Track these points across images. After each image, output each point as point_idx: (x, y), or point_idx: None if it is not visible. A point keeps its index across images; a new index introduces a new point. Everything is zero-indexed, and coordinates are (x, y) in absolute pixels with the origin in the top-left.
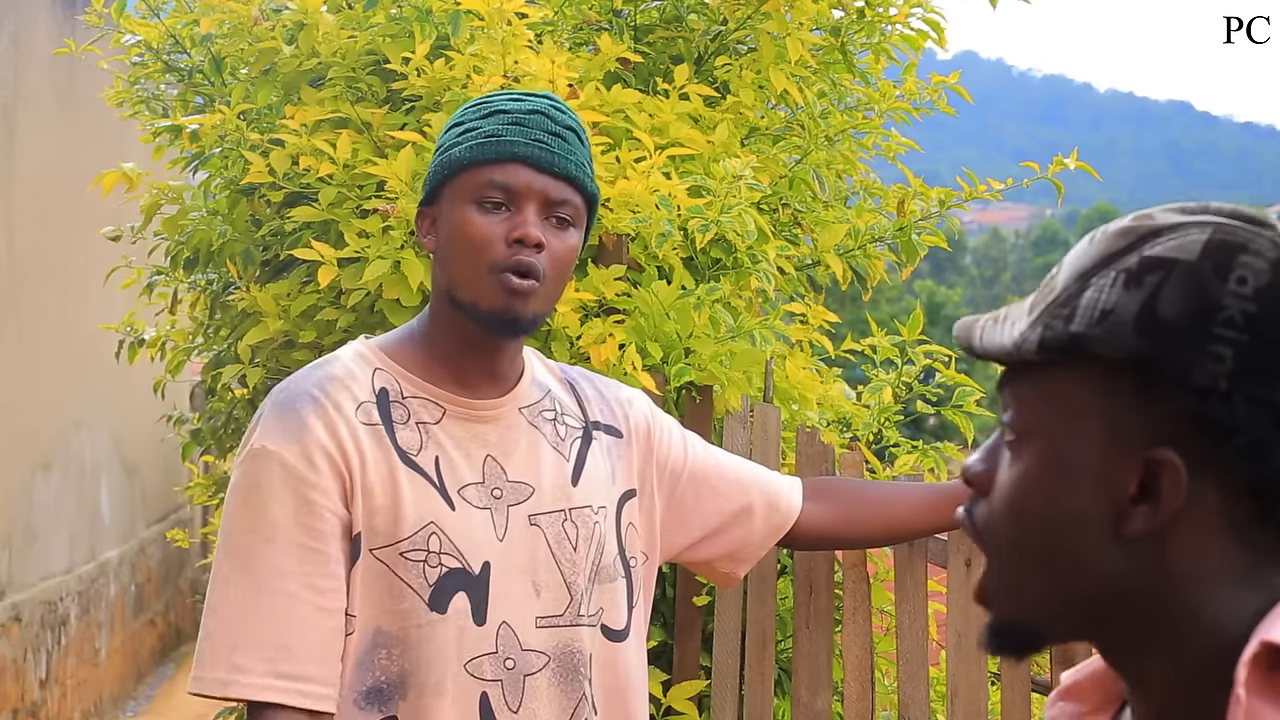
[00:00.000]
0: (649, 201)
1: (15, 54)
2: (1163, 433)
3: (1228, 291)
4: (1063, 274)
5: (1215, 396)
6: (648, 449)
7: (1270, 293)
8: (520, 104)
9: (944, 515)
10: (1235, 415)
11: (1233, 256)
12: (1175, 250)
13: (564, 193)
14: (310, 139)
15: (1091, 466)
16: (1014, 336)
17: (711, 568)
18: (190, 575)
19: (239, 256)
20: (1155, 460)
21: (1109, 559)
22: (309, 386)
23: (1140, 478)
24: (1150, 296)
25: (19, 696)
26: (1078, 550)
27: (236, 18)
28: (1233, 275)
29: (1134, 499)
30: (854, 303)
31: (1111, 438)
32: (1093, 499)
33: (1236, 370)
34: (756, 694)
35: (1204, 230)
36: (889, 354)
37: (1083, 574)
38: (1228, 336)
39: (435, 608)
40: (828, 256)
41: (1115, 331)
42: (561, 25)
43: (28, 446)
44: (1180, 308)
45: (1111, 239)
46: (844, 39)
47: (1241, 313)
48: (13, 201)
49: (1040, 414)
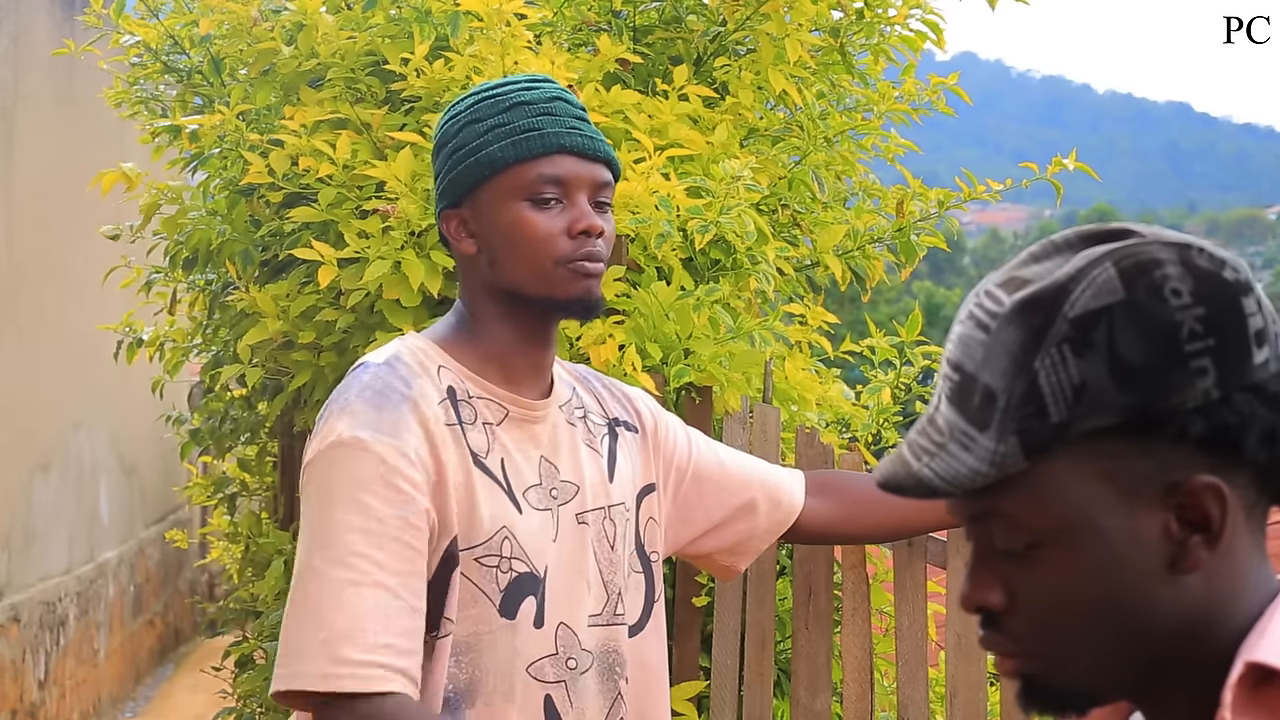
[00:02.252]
0: (648, 202)
1: (15, 54)
2: (1180, 463)
3: (1172, 309)
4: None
5: (1215, 406)
6: (656, 444)
7: (1203, 289)
8: (536, 92)
9: (945, 512)
10: (1240, 414)
11: (1151, 275)
12: (1098, 297)
13: (605, 175)
14: (309, 139)
15: (1127, 533)
16: (982, 458)
17: (712, 560)
18: (189, 576)
19: (238, 257)
20: (1192, 489)
21: (1168, 604)
22: (395, 382)
23: (1175, 513)
24: (1110, 350)
25: (18, 697)
26: (1140, 612)
27: (235, 18)
28: (1166, 291)
29: (1180, 535)
30: (853, 304)
31: (1133, 495)
32: (1141, 559)
33: (1221, 374)
34: (756, 695)
35: (1103, 265)
36: (887, 355)
37: (1147, 630)
38: (1199, 348)
39: (506, 614)
40: (827, 257)
41: (1099, 400)
42: (561, 26)
43: (27, 447)
44: (1143, 346)
45: (1018, 318)
46: (843, 40)
47: (1196, 320)
48: (12, 202)
49: (1046, 514)
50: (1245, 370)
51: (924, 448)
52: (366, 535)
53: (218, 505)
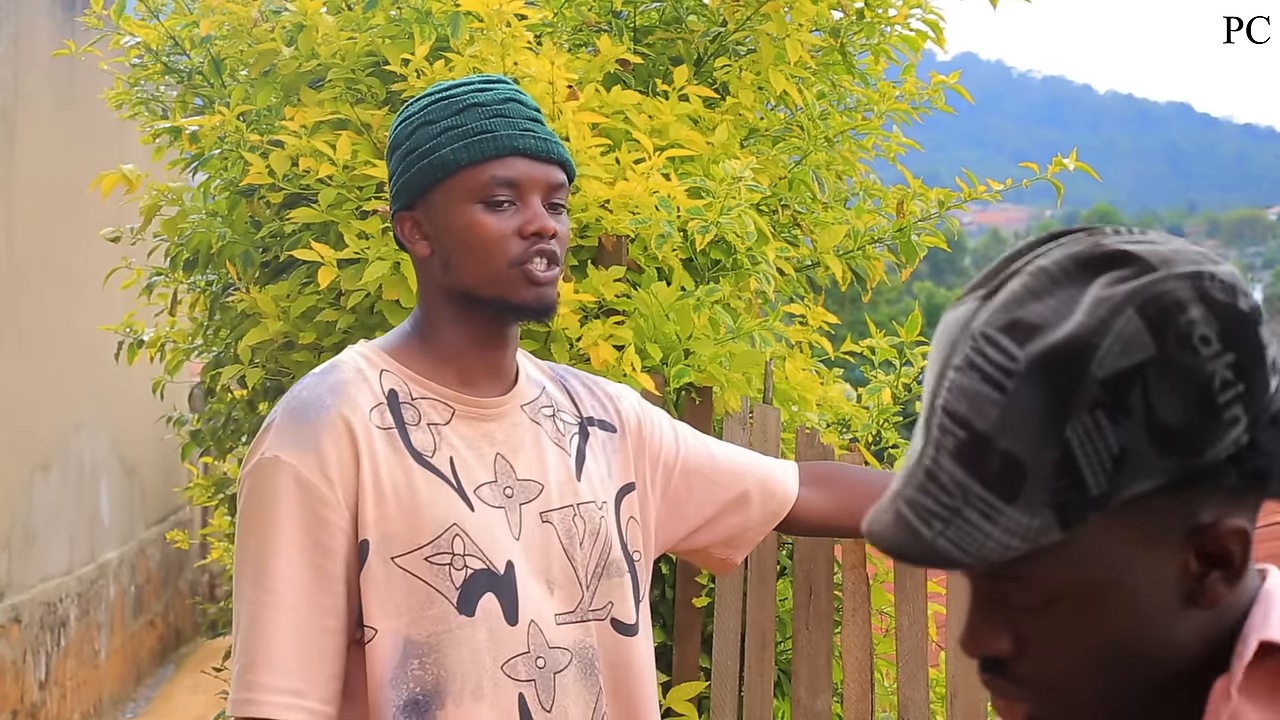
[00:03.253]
0: (648, 203)
1: (15, 55)
2: (1205, 505)
3: (1204, 360)
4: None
5: (1246, 451)
6: (640, 443)
7: (1229, 332)
8: (490, 93)
9: None
10: (1268, 454)
11: (1178, 323)
12: (1127, 354)
13: (558, 177)
14: (310, 140)
15: (1151, 581)
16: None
17: (707, 554)
18: (190, 576)
19: (238, 258)
20: (1215, 533)
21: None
22: (322, 393)
23: (1195, 551)
24: (1148, 414)
25: (18, 698)
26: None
27: (236, 19)
28: (1196, 340)
29: (1199, 572)
30: (853, 304)
31: (1160, 543)
32: (1159, 599)
33: (1251, 418)
34: (756, 695)
35: (1125, 314)
36: (888, 355)
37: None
38: (1231, 398)
39: (464, 610)
40: (827, 258)
41: (1141, 467)
42: (561, 27)
43: (27, 448)
44: (1181, 405)
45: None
46: (843, 40)
47: (1227, 367)
48: (12, 203)
49: (1076, 578)
50: (1267, 405)
51: (933, 512)
52: (281, 557)
53: (218, 506)
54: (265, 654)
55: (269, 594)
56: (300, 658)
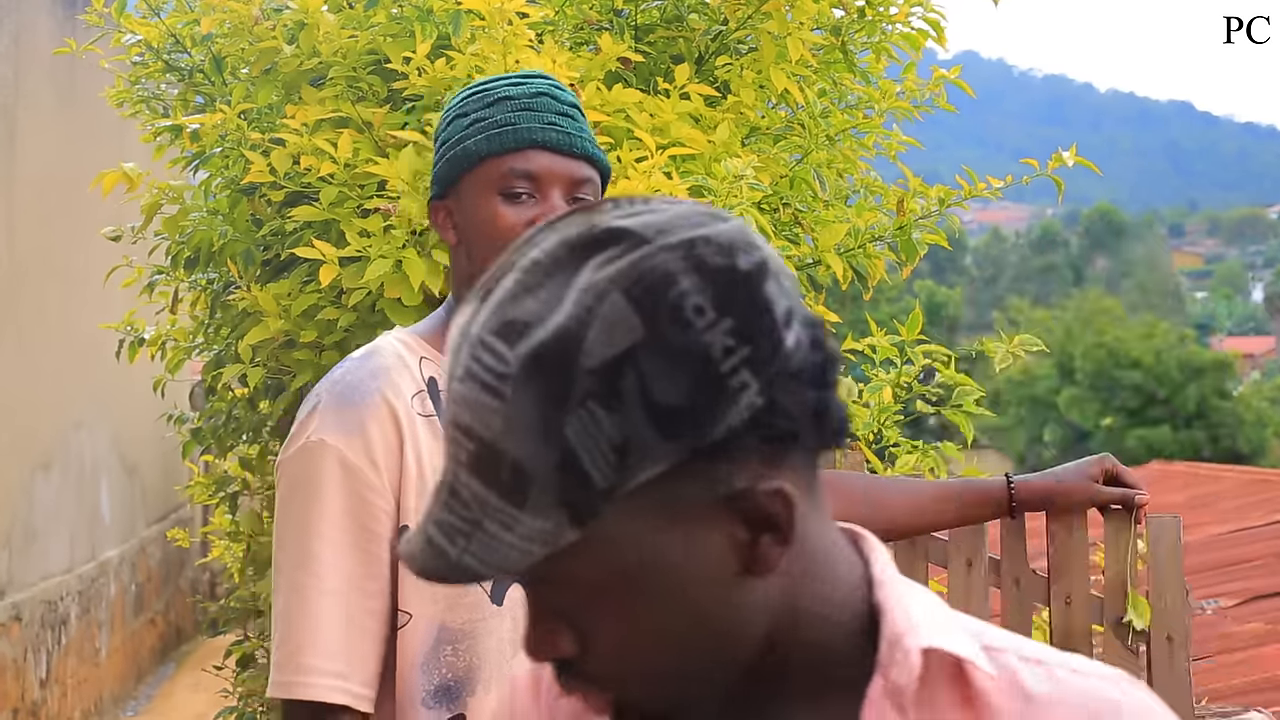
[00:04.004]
0: None
1: (16, 53)
2: (736, 473)
3: (699, 332)
4: (510, 449)
5: (763, 413)
6: None
7: (724, 295)
8: (523, 87)
9: (947, 514)
10: (789, 412)
11: (667, 297)
12: (614, 340)
13: (584, 172)
14: (311, 138)
15: (693, 558)
16: (529, 538)
17: None
18: (190, 575)
19: (239, 256)
20: (756, 499)
21: (751, 608)
22: (365, 377)
23: (741, 519)
24: (644, 398)
25: (19, 696)
26: (724, 624)
27: (237, 17)
28: (688, 312)
29: (748, 540)
30: (854, 302)
31: (694, 520)
32: (712, 575)
33: (763, 379)
34: None
35: (610, 298)
36: (888, 354)
37: (736, 636)
38: (735, 365)
39: (496, 599)
40: (828, 256)
41: (646, 453)
42: (562, 25)
43: (28, 446)
44: (680, 384)
45: (531, 379)
46: (844, 38)
47: (726, 334)
48: (13, 201)
49: (607, 570)
50: (781, 362)
51: (457, 529)
52: (326, 541)
53: (219, 504)
54: (311, 636)
55: (314, 577)
56: (345, 641)
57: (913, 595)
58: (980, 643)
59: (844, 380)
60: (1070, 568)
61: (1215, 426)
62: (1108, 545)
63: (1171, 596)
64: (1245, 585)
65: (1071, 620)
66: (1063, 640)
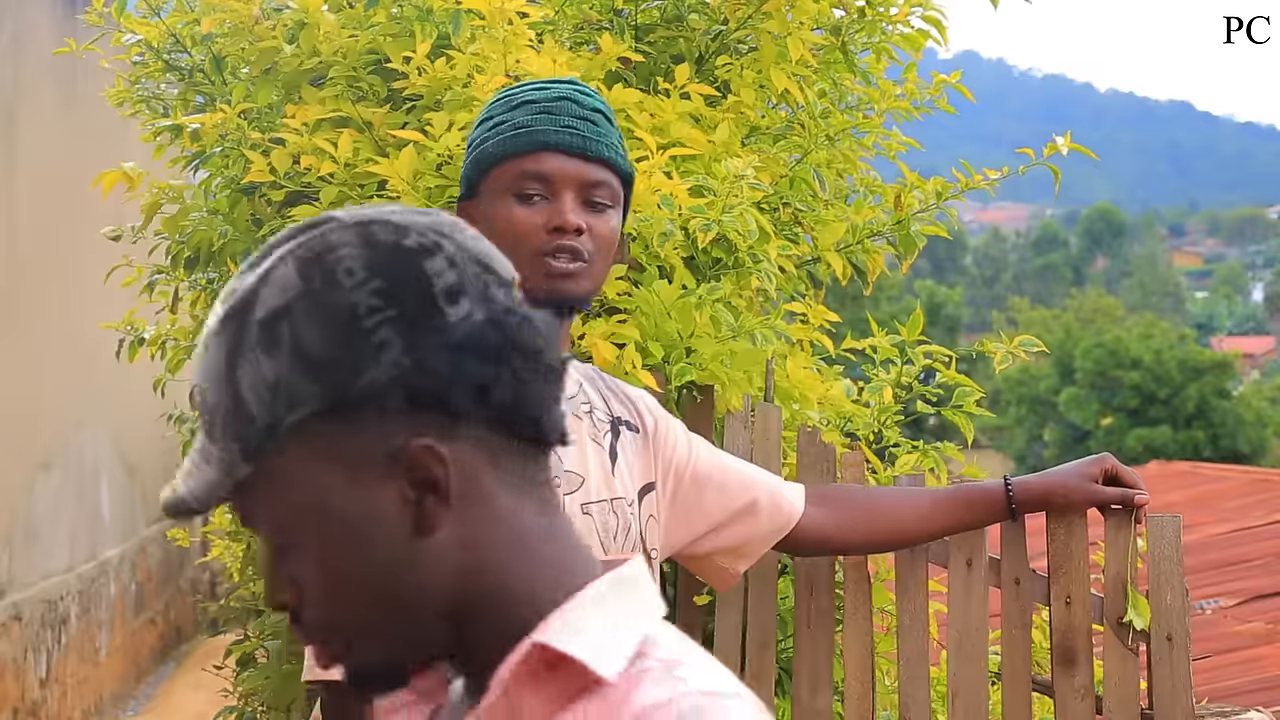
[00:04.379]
0: (650, 201)
1: (16, 53)
2: (398, 430)
3: (347, 290)
4: (209, 393)
5: (410, 373)
6: (657, 445)
7: (380, 262)
8: (546, 92)
9: (947, 521)
10: (436, 374)
11: (326, 261)
12: (280, 295)
13: (598, 175)
14: (311, 138)
15: (364, 508)
16: (217, 469)
17: (711, 562)
18: (190, 574)
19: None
20: (410, 454)
21: (428, 569)
22: None
23: (409, 480)
24: (294, 344)
25: (19, 695)
26: (405, 581)
27: (237, 17)
28: (340, 274)
29: (415, 499)
30: (854, 301)
31: (361, 471)
32: (388, 530)
33: (409, 341)
34: (757, 694)
35: (285, 262)
36: (889, 354)
37: (420, 595)
38: (378, 321)
39: None
40: (828, 254)
41: (295, 395)
42: (562, 24)
43: (28, 446)
44: (323, 333)
45: (223, 330)
46: (845, 38)
47: (373, 294)
48: (13, 201)
49: (281, 507)
50: (437, 330)
51: (188, 470)
52: None
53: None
54: None
55: None
56: None
57: (591, 613)
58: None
59: (840, 381)
60: (1070, 567)
61: (1215, 426)
62: (1108, 545)
63: (1172, 596)
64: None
65: (1071, 620)
66: (1063, 639)
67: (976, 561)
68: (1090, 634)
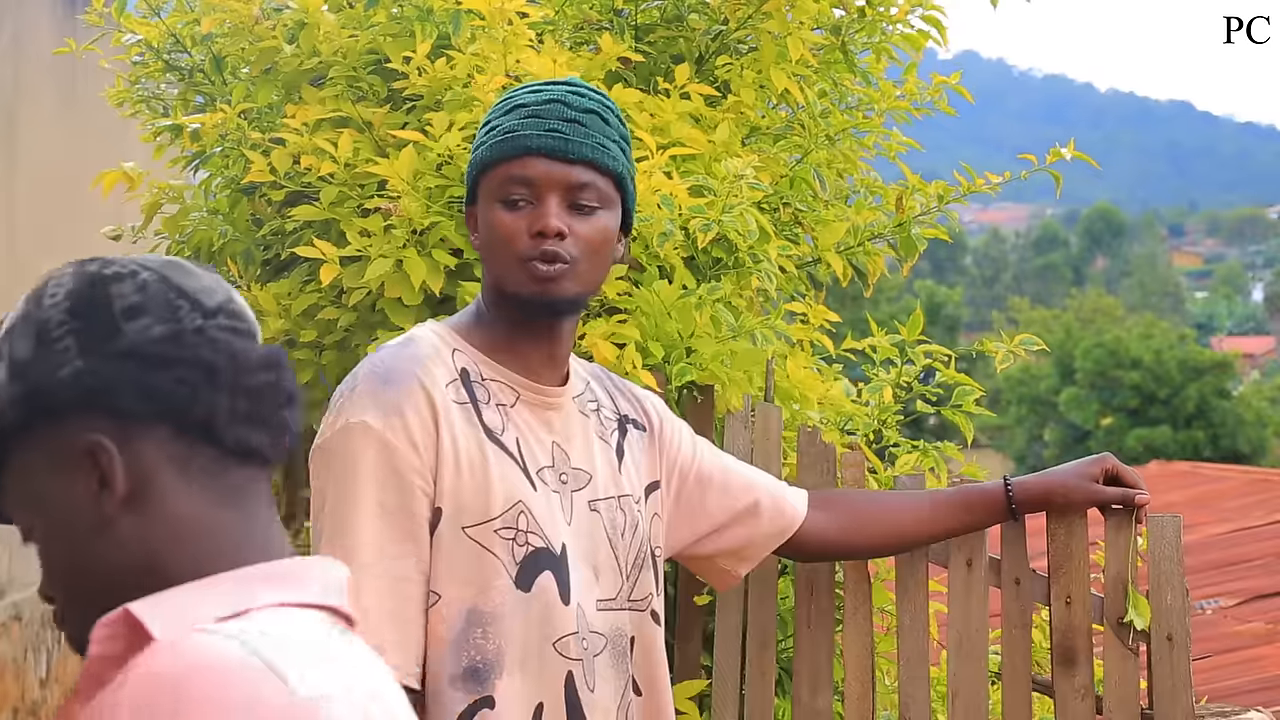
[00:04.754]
0: (650, 201)
1: (16, 53)
2: (85, 428)
3: (46, 308)
4: None
5: (85, 374)
6: (662, 445)
7: (76, 287)
8: (538, 95)
9: (947, 523)
10: (103, 377)
11: (42, 288)
12: (11, 317)
13: (583, 177)
14: (311, 138)
15: (64, 497)
16: None
17: (713, 563)
18: None
19: (240, 256)
20: (87, 449)
21: (106, 556)
22: (403, 363)
23: (93, 472)
24: (10, 354)
25: (19, 695)
26: (90, 564)
27: (237, 17)
28: (46, 296)
29: (97, 492)
30: (854, 301)
31: (61, 464)
32: (81, 519)
33: (84, 348)
34: (757, 694)
35: (28, 294)
36: (888, 354)
37: (103, 579)
38: (64, 332)
39: (521, 585)
40: (828, 255)
41: (9, 395)
42: (562, 25)
43: None
44: (26, 342)
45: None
46: (845, 38)
47: (63, 311)
48: (13, 201)
49: (16, 499)
50: (111, 341)
51: None
52: (365, 518)
53: None
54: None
55: (349, 551)
56: (380, 615)
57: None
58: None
59: (840, 381)
60: (1070, 567)
61: (1215, 426)
62: (1108, 545)
63: (1172, 596)
64: (1245, 585)
65: (1072, 620)
66: (1063, 639)
67: (977, 561)
68: (1090, 634)
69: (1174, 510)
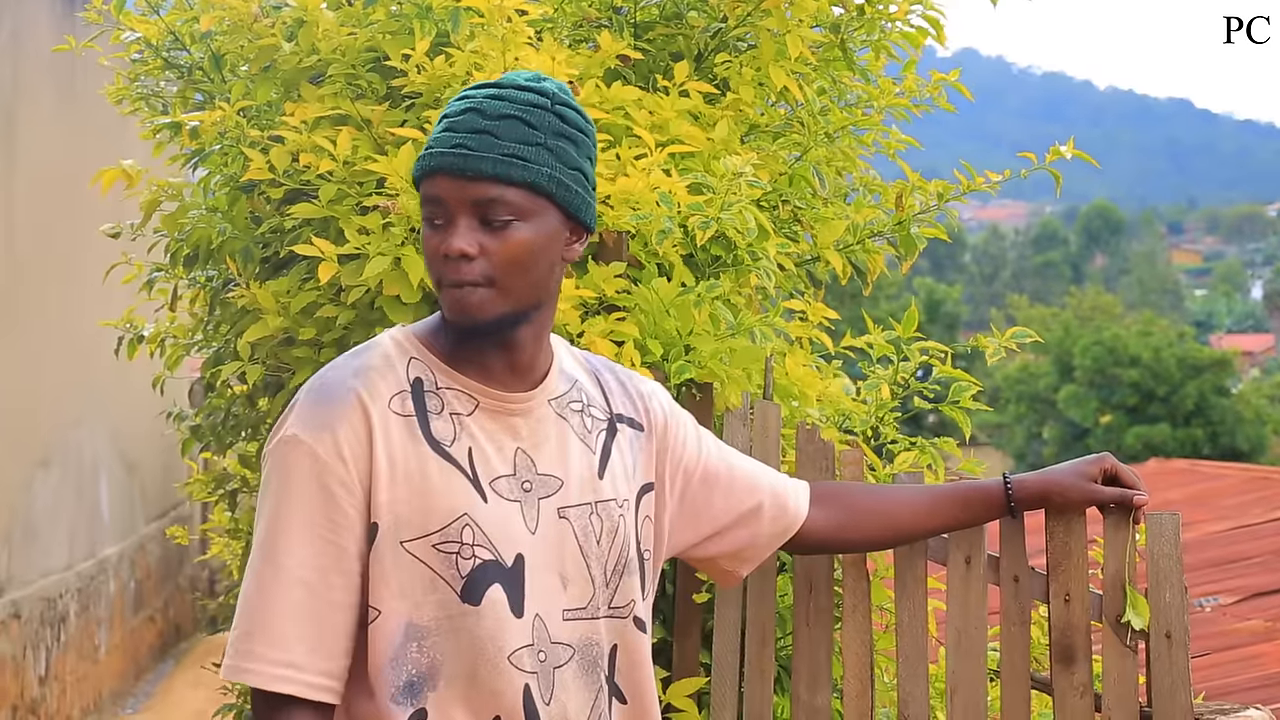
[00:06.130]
0: (649, 199)
1: (15, 51)
2: None
3: None
4: None
5: None
6: (665, 444)
7: None
8: (462, 102)
9: (946, 518)
10: None
11: None
12: None
13: (489, 193)
14: (310, 136)
15: None
16: None
17: (715, 564)
18: (189, 572)
19: (238, 253)
20: None
21: None
22: (346, 376)
23: None
24: None
25: (18, 693)
26: None
27: (236, 15)
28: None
29: None
30: (854, 299)
31: None
32: None
33: None
34: (756, 691)
35: None
36: (885, 351)
37: None
38: None
39: (468, 599)
40: (827, 253)
41: None
42: (561, 22)
43: (27, 443)
44: None
45: None
46: (844, 36)
47: None
48: (13, 198)
49: None
50: None
51: None
52: (292, 531)
53: (218, 501)
54: (263, 624)
55: (274, 566)
56: (299, 631)
57: None
58: None
59: (838, 378)
60: (1069, 564)
61: (1214, 424)
62: (1107, 543)
63: (1170, 594)
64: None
65: (1070, 617)
66: (1062, 637)
67: (975, 559)
68: (1089, 631)
69: (1173, 508)
